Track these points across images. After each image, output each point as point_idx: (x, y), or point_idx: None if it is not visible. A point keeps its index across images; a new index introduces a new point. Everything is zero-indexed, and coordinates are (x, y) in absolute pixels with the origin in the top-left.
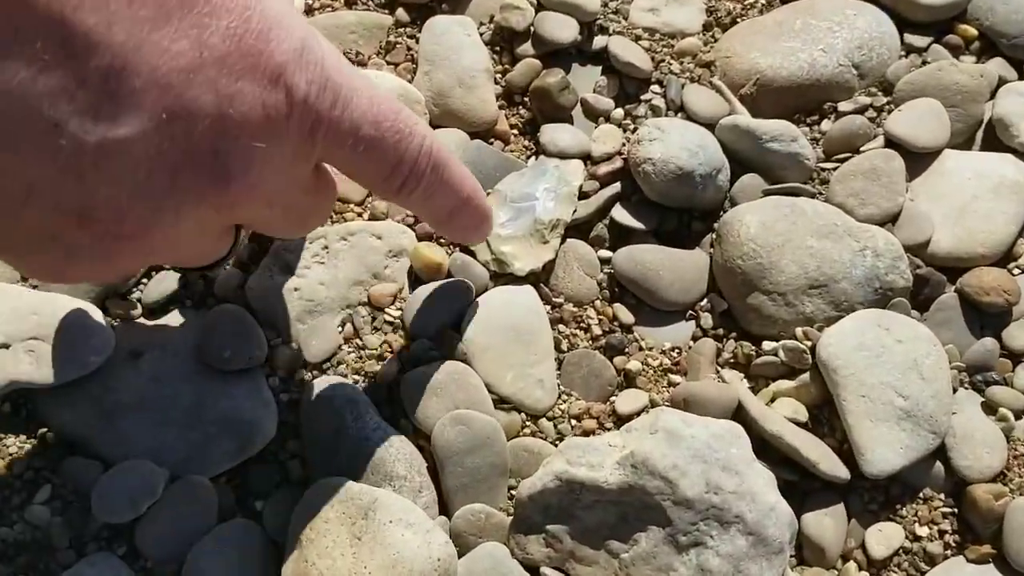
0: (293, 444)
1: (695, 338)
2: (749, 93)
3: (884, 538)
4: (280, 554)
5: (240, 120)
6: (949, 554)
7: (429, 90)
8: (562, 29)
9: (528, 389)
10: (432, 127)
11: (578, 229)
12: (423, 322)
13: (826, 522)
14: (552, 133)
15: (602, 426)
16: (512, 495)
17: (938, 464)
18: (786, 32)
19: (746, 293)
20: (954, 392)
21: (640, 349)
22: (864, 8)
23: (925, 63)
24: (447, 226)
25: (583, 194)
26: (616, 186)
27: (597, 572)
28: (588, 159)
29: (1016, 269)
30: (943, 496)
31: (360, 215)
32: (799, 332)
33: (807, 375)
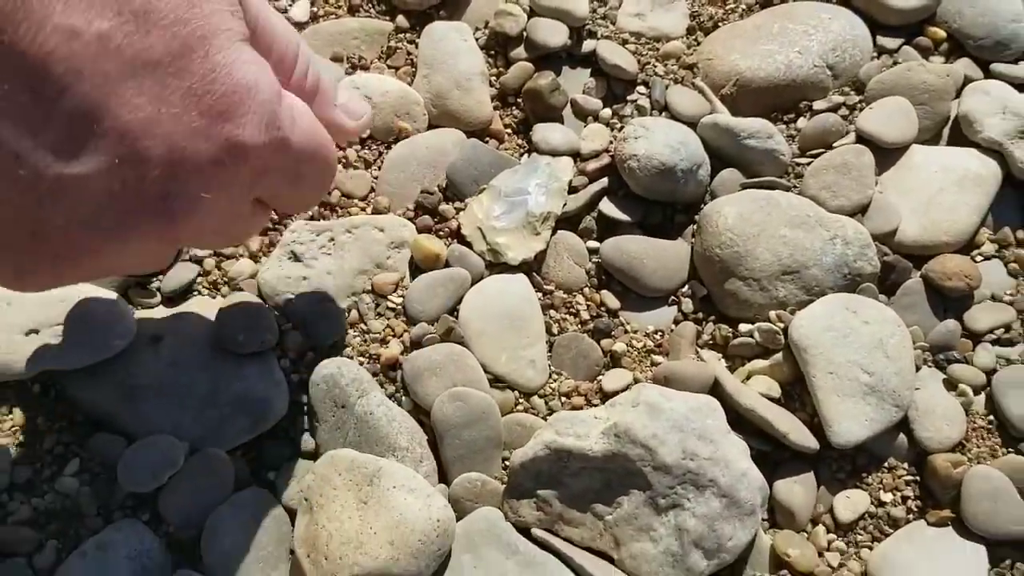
0: (303, 420)
1: (676, 321)
2: (729, 93)
3: (851, 504)
4: (292, 519)
5: (190, 171)
6: (911, 518)
7: (428, 92)
8: (553, 34)
9: (521, 369)
10: (431, 127)
11: (568, 221)
12: (423, 308)
13: (796, 489)
14: (544, 132)
15: (589, 403)
16: (506, 465)
17: (901, 436)
18: (764, 35)
19: (724, 279)
20: (917, 370)
21: (625, 332)
22: (839, 12)
23: (896, 63)
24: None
25: (572, 189)
26: (603, 181)
27: (584, 533)
28: (577, 156)
29: (978, 256)
30: (906, 465)
31: (364, 209)
32: (773, 315)
33: (780, 355)
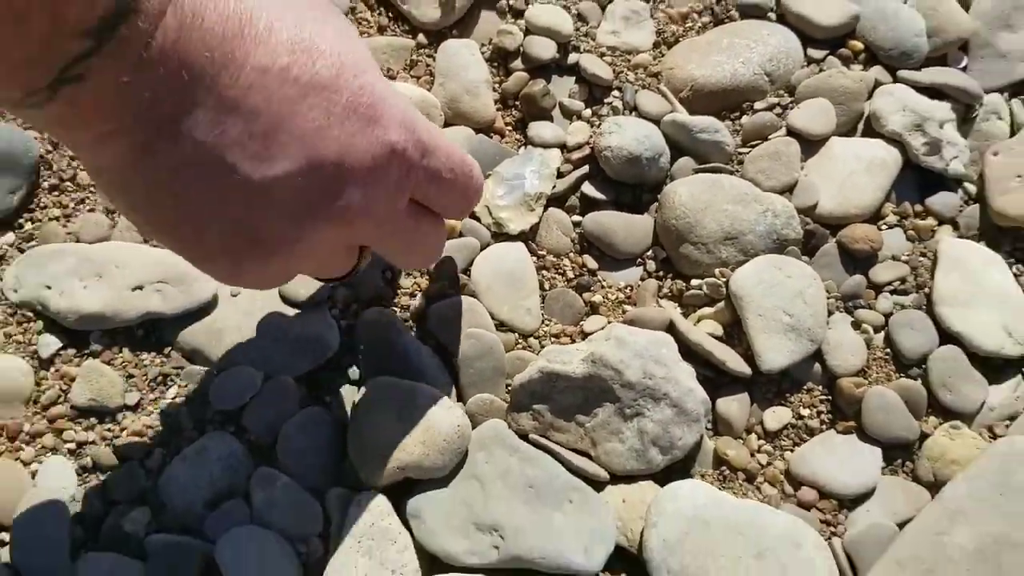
0: (350, 356)
1: (642, 278)
2: (686, 96)
3: (777, 417)
4: (345, 432)
5: (354, 166)
6: (823, 428)
7: (443, 97)
8: (544, 49)
9: (520, 316)
10: (446, 125)
11: (557, 200)
12: (442, 269)
13: (734, 405)
14: (537, 129)
15: (573, 341)
16: (508, 388)
17: (816, 364)
18: (715, 49)
19: (679, 244)
20: (830, 314)
21: (602, 287)
22: (776, 29)
23: (821, 71)
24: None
25: (560, 174)
26: (585, 168)
27: (568, 437)
28: (564, 147)
29: (883, 225)
30: (820, 387)
31: None
32: (717, 272)
33: (723, 303)
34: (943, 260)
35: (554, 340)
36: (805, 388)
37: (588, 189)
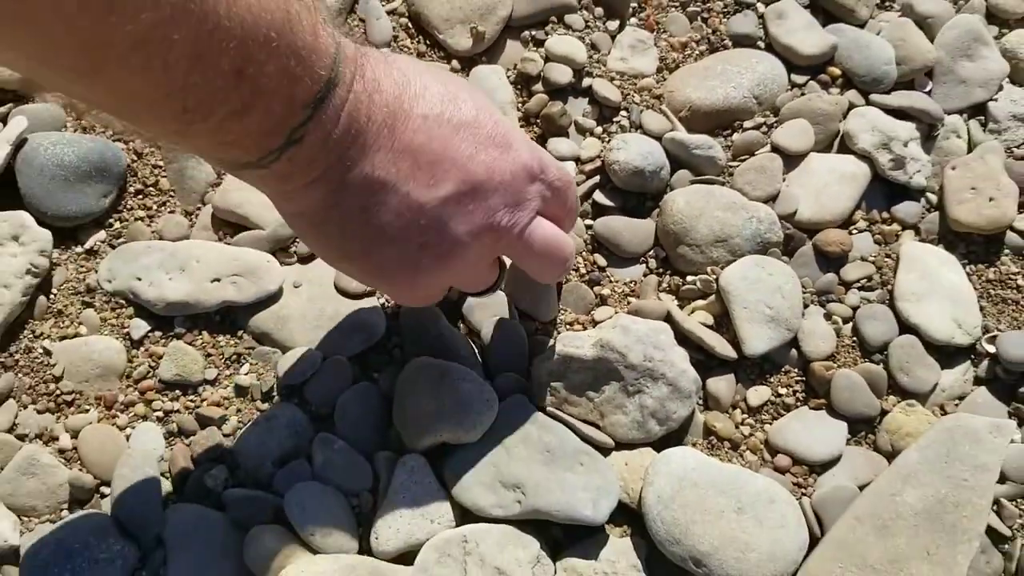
0: (395, 339)
1: (644, 275)
2: (685, 116)
3: (758, 395)
4: (390, 403)
5: (500, 181)
6: (798, 404)
7: None
8: (562, 74)
9: (539, 307)
10: None
11: None
12: None
13: (721, 384)
14: (555, 144)
15: (585, 329)
16: (529, 368)
17: (793, 350)
18: (711, 74)
19: (676, 245)
20: (805, 307)
21: (610, 282)
22: (764, 57)
23: (803, 94)
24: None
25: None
26: (596, 179)
27: (580, 410)
28: (578, 161)
29: (854, 230)
30: (796, 369)
31: None
32: (709, 270)
33: (713, 297)
34: (904, 261)
35: (568, 327)
36: (783, 370)
37: (599, 197)
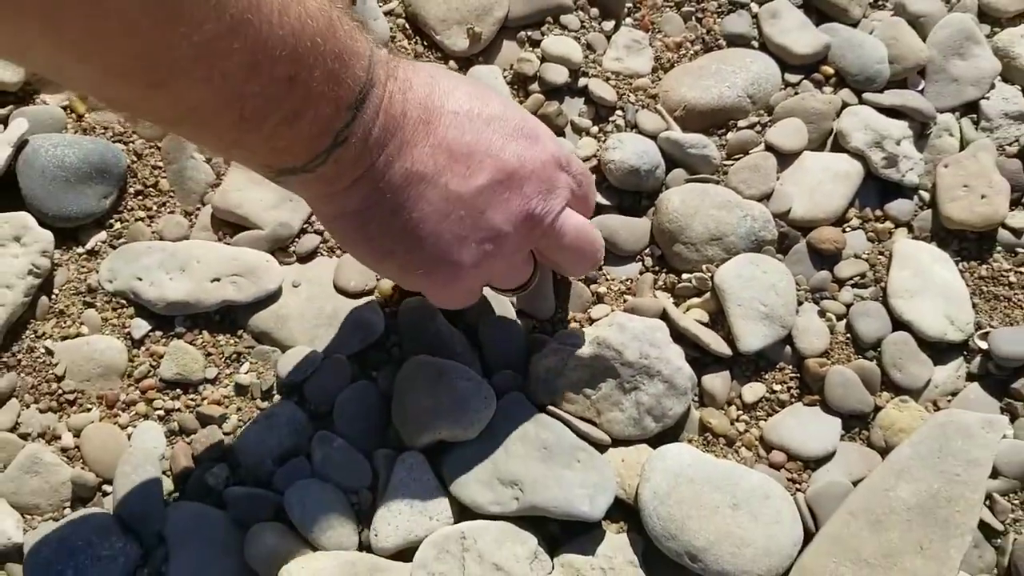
0: (394, 337)
1: (641, 273)
2: (680, 115)
3: (753, 391)
4: (389, 401)
5: (531, 169)
6: (792, 400)
7: None
8: (558, 74)
9: (537, 304)
10: None
11: None
12: None
13: (717, 381)
14: None
15: (581, 326)
16: (527, 365)
17: (787, 347)
18: (705, 74)
19: (672, 244)
20: (800, 304)
21: (606, 280)
22: (758, 56)
23: (796, 93)
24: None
25: None
26: (593, 178)
27: (577, 407)
28: None
29: (847, 228)
30: (790, 366)
31: None
32: (704, 268)
33: (709, 294)
34: (897, 258)
35: (565, 325)
36: (777, 367)
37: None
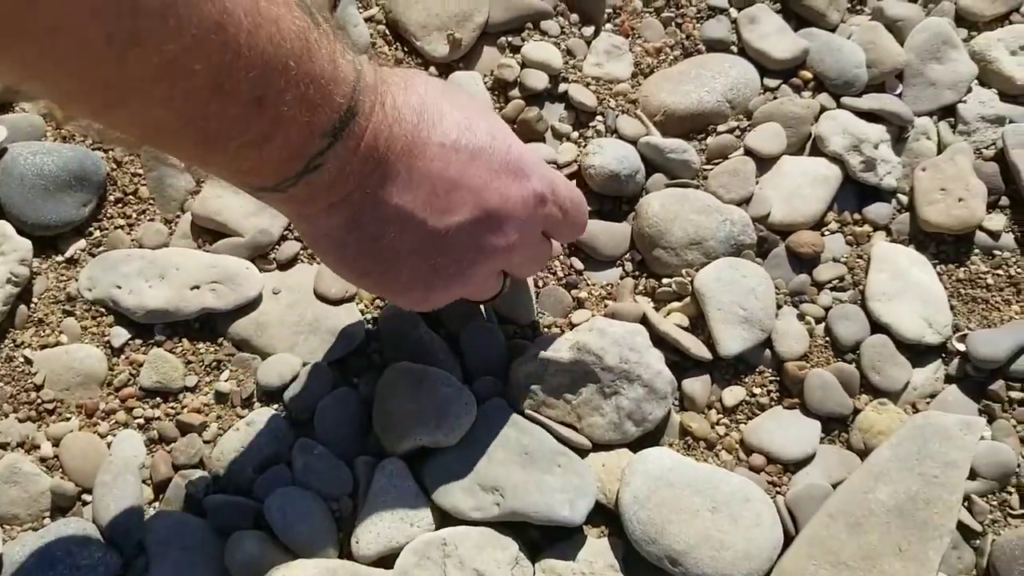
0: (375, 344)
1: (621, 277)
2: (660, 120)
3: (733, 395)
4: (370, 408)
5: (512, 209)
6: (772, 404)
7: None
8: (538, 80)
9: (518, 310)
10: None
11: None
12: None
13: (697, 385)
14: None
15: (562, 332)
16: (507, 371)
17: (767, 350)
18: (685, 79)
19: (652, 248)
20: (779, 308)
21: (587, 285)
22: (737, 61)
23: (775, 98)
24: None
25: None
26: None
27: (558, 412)
28: (555, 165)
29: (826, 231)
30: (770, 370)
31: None
32: (684, 272)
33: (688, 298)
34: (875, 261)
35: (546, 331)
36: (757, 370)
37: None
